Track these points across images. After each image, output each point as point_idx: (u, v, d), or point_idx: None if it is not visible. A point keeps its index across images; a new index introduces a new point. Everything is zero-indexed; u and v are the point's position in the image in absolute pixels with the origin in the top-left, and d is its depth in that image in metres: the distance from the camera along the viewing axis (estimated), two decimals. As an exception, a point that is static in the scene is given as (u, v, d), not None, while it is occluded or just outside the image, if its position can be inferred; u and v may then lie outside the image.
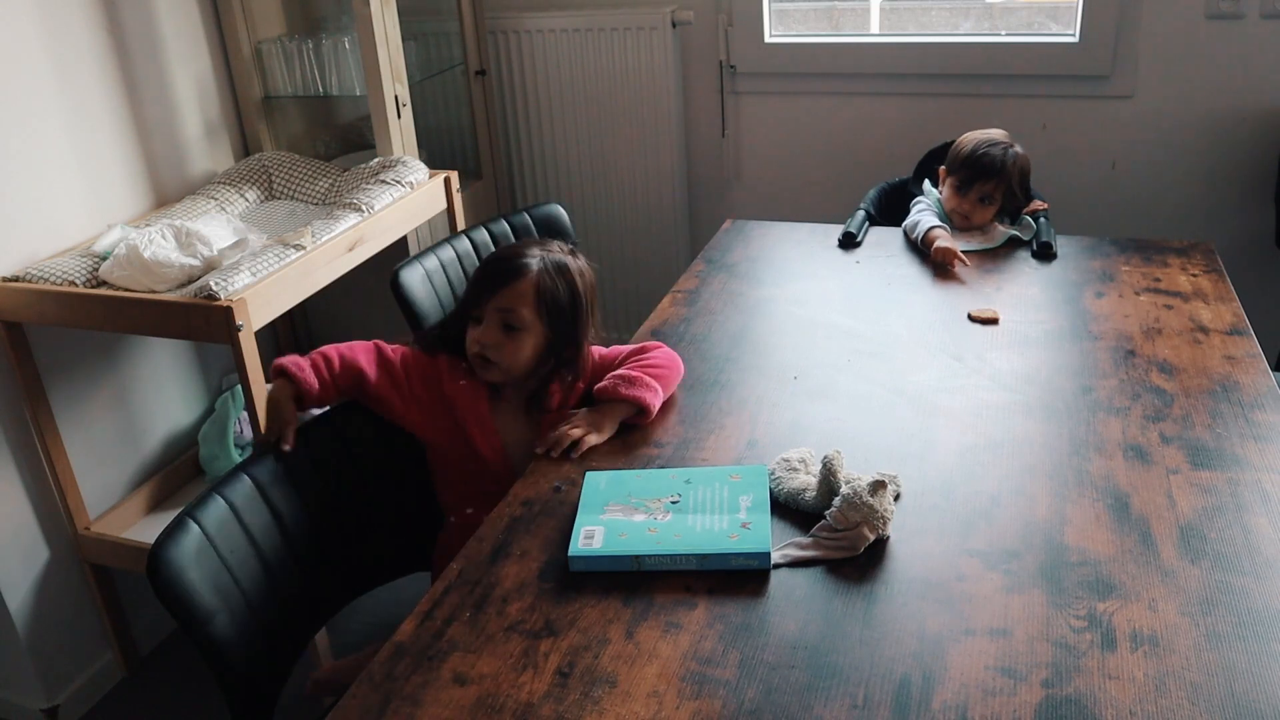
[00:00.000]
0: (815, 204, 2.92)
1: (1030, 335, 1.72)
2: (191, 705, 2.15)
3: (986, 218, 2.14)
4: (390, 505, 1.53)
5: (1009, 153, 2.10)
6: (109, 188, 2.15)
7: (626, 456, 1.45)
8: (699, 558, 1.20)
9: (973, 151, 2.11)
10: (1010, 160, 2.09)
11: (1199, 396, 1.51)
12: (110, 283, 1.86)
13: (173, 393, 2.35)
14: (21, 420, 1.97)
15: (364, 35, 2.26)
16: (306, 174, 2.37)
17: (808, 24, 2.94)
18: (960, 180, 2.12)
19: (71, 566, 2.11)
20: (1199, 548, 1.19)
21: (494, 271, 1.54)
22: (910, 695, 1.01)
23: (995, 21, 2.79)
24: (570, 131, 2.98)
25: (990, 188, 2.10)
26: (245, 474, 1.35)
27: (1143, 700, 0.99)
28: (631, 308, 3.10)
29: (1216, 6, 2.44)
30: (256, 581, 1.31)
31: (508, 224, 2.16)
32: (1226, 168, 2.59)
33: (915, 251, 2.09)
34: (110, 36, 2.12)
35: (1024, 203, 2.16)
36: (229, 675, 1.23)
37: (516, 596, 1.18)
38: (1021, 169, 2.12)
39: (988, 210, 2.13)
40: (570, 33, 2.84)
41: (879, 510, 1.22)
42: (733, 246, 2.19)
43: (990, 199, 2.12)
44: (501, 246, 1.61)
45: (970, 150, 2.12)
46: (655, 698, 1.03)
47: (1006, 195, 2.12)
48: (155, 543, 1.20)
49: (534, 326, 1.50)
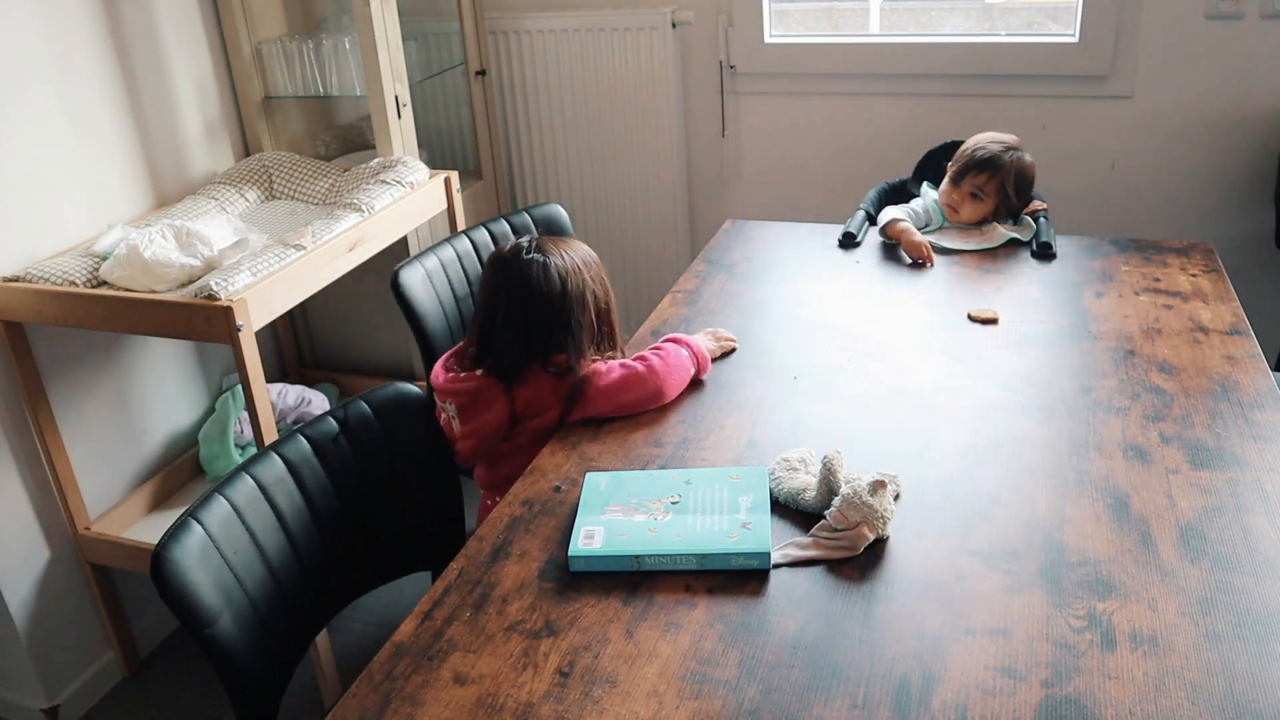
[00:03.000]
0: (815, 204, 2.92)
1: (1030, 335, 1.73)
2: (192, 705, 2.15)
3: (975, 215, 2.14)
4: (391, 505, 1.53)
5: (1010, 153, 2.10)
6: (109, 188, 2.15)
7: (626, 457, 1.45)
8: (699, 558, 1.20)
9: (974, 145, 2.13)
10: (1009, 160, 2.09)
11: (1199, 396, 1.51)
12: (110, 283, 1.86)
13: (173, 393, 2.35)
14: (21, 420, 1.97)
15: (364, 35, 2.26)
16: (307, 174, 2.37)
17: (808, 24, 2.95)
18: (956, 170, 2.14)
19: (72, 566, 2.11)
20: (1199, 548, 1.19)
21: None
22: (910, 695, 1.01)
23: (995, 21, 2.79)
24: (570, 131, 2.98)
25: (982, 181, 2.10)
26: (247, 474, 1.35)
27: (1142, 700, 0.99)
28: (631, 308, 3.10)
29: (1216, 7, 2.44)
30: (260, 582, 1.31)
31: (508, 224, 2.16)
32: (1226, 168, 2.59)
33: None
34: (110, 36, 2.12)
35: (1020, 206, 2.15)
36: (233, 676, 1.23)
37: (516, 596, 1.19)
38: (1020, 172, 2.11)
39: (977, 206, 2.13)
40: (570, 33, 2.84)
41: (879, 510, 1.22)
42: (733, 246, 2.19)
43: (981, 194, 2.11)
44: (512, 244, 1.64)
45: (973, 144, 2.14)
46: (655, 697, 1.03)
47: (1000, 196, 2.11)
48: (159, 543, 1.20)
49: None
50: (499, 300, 1.58)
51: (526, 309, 1.56)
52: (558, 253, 1.60)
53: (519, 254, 1.59)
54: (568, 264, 1.59)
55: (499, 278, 1.60)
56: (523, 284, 1.56)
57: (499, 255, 1.63)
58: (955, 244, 2.09)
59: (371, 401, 1.51)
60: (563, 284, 1.57)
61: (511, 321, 1.57)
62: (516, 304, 1.57)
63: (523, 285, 1.56)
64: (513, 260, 1.59)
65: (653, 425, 1.53)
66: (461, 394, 1.57)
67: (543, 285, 1.56)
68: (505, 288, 1.58)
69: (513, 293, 1.57)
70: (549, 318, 1.57)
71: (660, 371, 1.57)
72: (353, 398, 1.51)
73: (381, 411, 1.51)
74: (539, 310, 1.56)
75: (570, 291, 1.57)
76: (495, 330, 1.58)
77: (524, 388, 1.56)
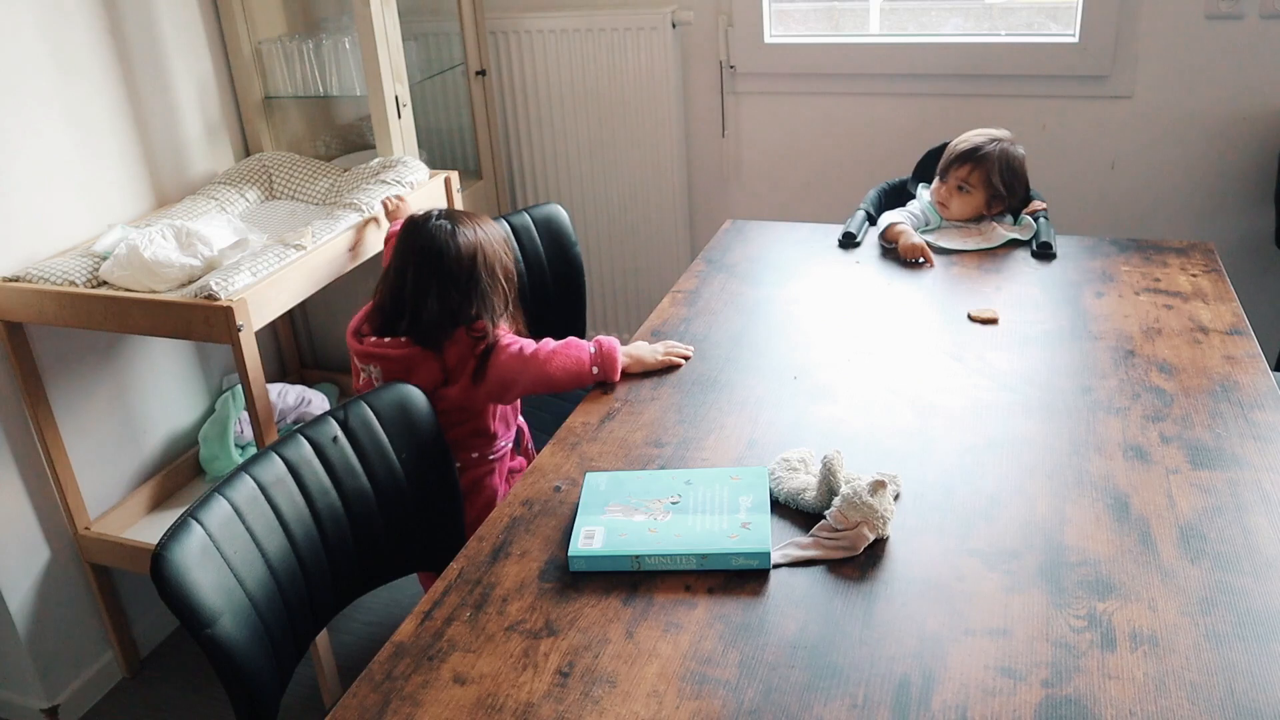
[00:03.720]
0: (815, 204, 2.92)
1: (1030, 335, 1.73)
2: (191, 705, 2.15)
3: (966, 209, 2.13)
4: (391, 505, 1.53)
5: (995, 145, 2.09)
6: (109, 188, 2.15)
7: (626, 457, 1.45)
8: (699, 558, 1.20)
9: (959, 139, 2.14)
10: (993, 150, 2.08)
11: (1199, 396, 1.51)
12: (110, 283, 1.86)
13: (173, 393, 2.35)
14: (21, 420, 1.97)
15: (364, 35, 2.26)
16: (307, 174, 2.37)
17: (807, 24, 2.94)
18: (941, 165, 2.15)
19: (72, 566, 2.11)
20: (1199, 548, 1.19)
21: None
22: (910, 695, 1.01)
23: (995, 21, 2.78)
24: (570, 131, 2.98)
25: (965, 173, 2.10)
26: (247, 474, 1.35)
27: (1142, 700, 0.99)
28: (632, 308, 3.10)
29: (1216, 6, 2.44)
30: (260, 582, 1.31)
31: (508, 224, 2.16)
32: (1226, 168, 2.59)
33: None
34: (110, 37, 2.12)
35: (1012, 199, 2.14)
36: (234, 676, 1.23)
37: (516, 596, 1.19)
38: (1007, 163, 2.09)
39: (966, 199, 2.12)
40: (570, 33, 2.84)
41: (879, 510, 1.22)
42: (733, 246, 2.19)
43: (968, 187, 2.11)
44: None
45: (958, 139, 2.14)
46: (655, 697, 1.03)
47: (988, 188, 2.10)
48: (159, 544, 1.20)
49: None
50: (408, 264, 1.66)
51: (439, 273, 1.65)
52: (469, 223, 1.69)
53: (429, 220, 1.68)
54: (478, 235, 1.68)
55: (411, 241, 1.68)
56: (433, 250, 1.65)
57: (414, 220, 1.71)
58: (954, 244, 2.09)
59: (371, 401, 1.51)
60: (473, 251, 1.66)
61: (424, 287, 1.64)
62: (425, 268, 1.65)
63: (433, 251, 1.65)
64: (423, 225, 1.68)
65: (653, 425, 1.53)
66: (392, 360, 1.67)
67: (453, 251, 1.65)
68: (416, 253, 1.66)
69: (423, 257, 1.65)
70: (466, 282, 1.65)
71: (542, 356, 1.65)
72: (353, 398, 1.51)
73: (381, 411, 1.51)
74: (453, 274, 1.65)
75: (482, 259, 1.66)
76: (405, 295, 1.66)
77: (451, 347, 1.66)
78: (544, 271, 2.20)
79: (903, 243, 2.04)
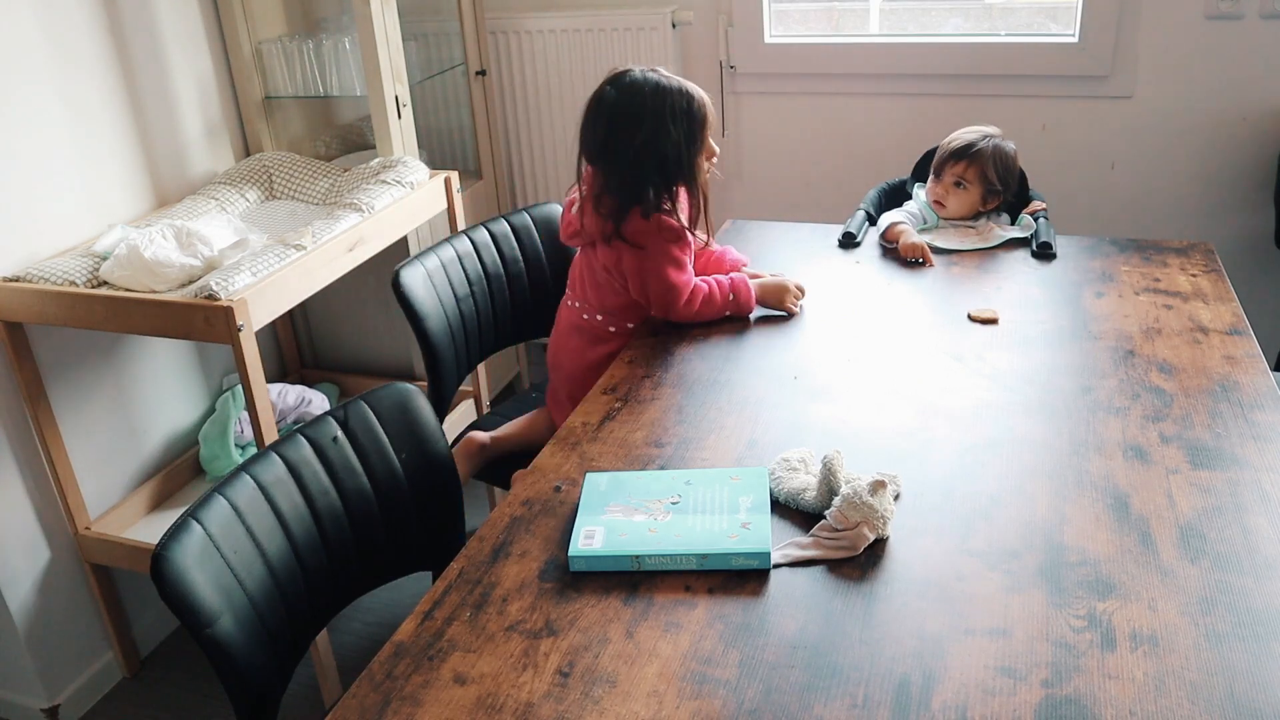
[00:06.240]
0: (815, 204, 2.92)
1: (1030, 335, 1.73)
2: (191, 705, 2.15)
3: (963, 206, 2.13)
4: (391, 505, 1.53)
5: (988, 140, 2.10)
6: (109, 188, 2.15)
7: (626, 457, 1.45)
8: (699, 557, 1.20)
9: (951, 137, 2.14)
10: (987, 147, 2.09)
11: (1199, 396, 1.51)
12: (111, 283, 1.86)
13: (173, 393, 2.35)
14: (21, 420, 1.97)
15: (364, 35, 2.26)
16: (307, 174, 2.37)
17: (807, 24, 2.95)
18: (935, 163, 2.15)
19: (72, 566, 2.11)
20: (1199, 548, 1.19)
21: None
22: (910, 695, 1.01)
23: (995, 21, 2.79)
24: (570, 131, 2.97)
25: (960, 169, 2.10)
26: (247, 474, 1.35)
27: (1142, 700, 0.99)
28: (631, 308, 3.10)
29: (1216, 6, 2.44)
30: (260, 582, 1.31)
31: (508, 224, 2.16)
32: (1226, 168, 2.59)
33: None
34: (110, 36, 2.12)
35: (1007, 194, 2.14)
36: (234, 677, 1.23)
37: (516, 596, 1.19)
38: (1000, 159, 2.10)
39: (962, 196, 2.12)
40: (570, 33, 2.84)
41: (879, 510, 1.22)
42: (733, 246, 2.19)
43: (964, 183, 2.11)
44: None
45: (950, 136, 2.15)
46: (655, 697, 1.03)
47: (984, 183, 2.11)
48: (159, 544, 1.20)
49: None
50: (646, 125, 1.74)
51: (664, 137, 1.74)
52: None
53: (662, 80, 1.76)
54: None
55: (653, 100, 1.74)
56: (664, 114, 1.73)
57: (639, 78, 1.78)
58: (953, 244, 2.09)
59: (372, 401, 1.51)
60: (694, 119, 1.77)
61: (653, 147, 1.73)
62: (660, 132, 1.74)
63: (663, 116, 1.73)
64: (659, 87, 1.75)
65: (653, 425, 1.53)
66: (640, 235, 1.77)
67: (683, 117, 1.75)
68: (653, 115, 1.73)
69: (658, 121, 1.73)
70: (678, 153, 1.75)
71: (704, 298, 1.81)
72: (353, 398, 1.51)
73: (381, 411, 1.51)
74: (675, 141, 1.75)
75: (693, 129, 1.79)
76: (635, 153, 1.75)
77: (629, 222, 1.77)
78: (544, 271, 2.20)
79: (903, 242, 2.05)
